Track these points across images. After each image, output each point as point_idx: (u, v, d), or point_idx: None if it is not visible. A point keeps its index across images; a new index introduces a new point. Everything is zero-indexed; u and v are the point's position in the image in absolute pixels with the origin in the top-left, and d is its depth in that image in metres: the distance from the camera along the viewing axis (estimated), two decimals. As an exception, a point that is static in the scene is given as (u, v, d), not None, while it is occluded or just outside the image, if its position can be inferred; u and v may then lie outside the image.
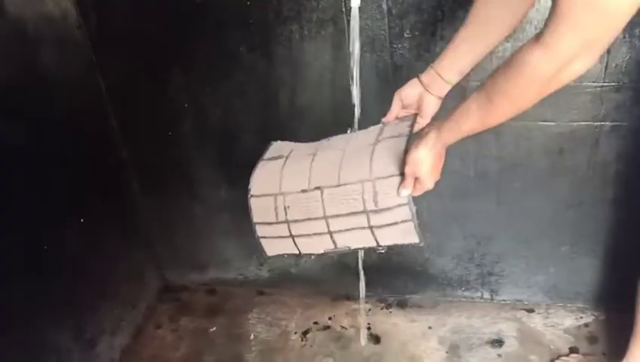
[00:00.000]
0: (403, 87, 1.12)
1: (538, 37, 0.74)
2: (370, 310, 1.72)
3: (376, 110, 1.41)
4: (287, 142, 1.24)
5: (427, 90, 1.09)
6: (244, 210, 1.69)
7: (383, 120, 1.15)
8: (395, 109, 1.13)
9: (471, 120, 0.91)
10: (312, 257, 1.17)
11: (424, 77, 1.09)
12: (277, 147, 1.23)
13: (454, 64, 1.06)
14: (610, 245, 1.49)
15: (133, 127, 1.60)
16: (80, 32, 1.44)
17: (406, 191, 0.98)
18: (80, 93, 1.47)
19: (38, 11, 1.31)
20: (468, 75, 1.30)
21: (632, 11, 0.68)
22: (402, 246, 1.03)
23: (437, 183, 1.00)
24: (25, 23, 1.27)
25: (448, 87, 1.09)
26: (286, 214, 1.09)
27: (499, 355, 1.54)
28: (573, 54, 0.72)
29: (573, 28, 0.70)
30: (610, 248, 1.49)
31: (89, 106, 1.52)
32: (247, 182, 1.21)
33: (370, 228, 1.03)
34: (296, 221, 1.09)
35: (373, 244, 1.05)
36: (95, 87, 1.52)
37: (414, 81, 1.11)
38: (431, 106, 1.10)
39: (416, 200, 1.00)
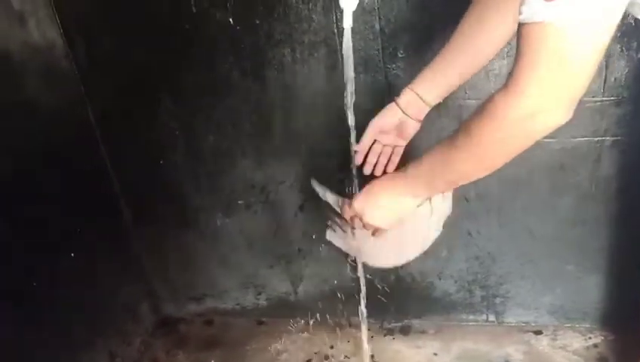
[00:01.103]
0: (379, 116, 1.09)
1: (505, 83, 0.70)
2: (372, 337, 1.68)
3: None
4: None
5: (406, 114, 1.06)
6: (240, 238, 1.67)
7: (355, 148, 1.11)
8: (368, 140, 1.10)
9: (433, 165, 0.84)
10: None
11: (402, 100, 1.06)
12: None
13: (436, 86, 1.04)
14: (616, 263, 1.46)
15: (123, 156, 1.57)
16: (67, 62, 1.42)
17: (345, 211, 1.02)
18: (68, 123, 1.45)
19: (23, 41, 1.29)
20: (465, 93, 1.28)
21: (601, 55, 0.64)
22: None
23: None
24: (10, 54, 1.25)
25: (427, 109, 1.06)
26: None
27: (508, 380, 1.50)
28: (538, 104, 0.67)
29: (536, 71, 0.65)
30: (617, 266, 1.46)
31: (78, 136, 1.50)
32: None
33: None
34: None
35: None
36: (84, 116, 1.50)
37: (392, 108, 1.08)
38: (410, 130, 1.08)
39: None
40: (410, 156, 1.07)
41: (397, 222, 0.96)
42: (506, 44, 0.99)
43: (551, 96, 0.66)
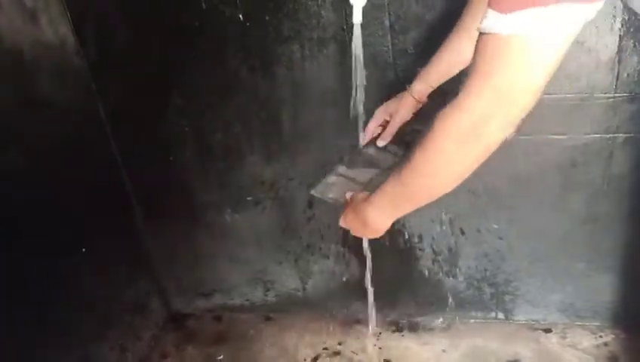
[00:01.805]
0: (402, 109, 1.13)
1: (457, 92, 0.70)
2: (380, 334, 1.67)
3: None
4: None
5: (420, 103, 1.13)
6: (249, 234, 1.67)
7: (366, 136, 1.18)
8: (375, 125, 1.16)
9: (393, 182, 0.85)
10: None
11: (417, 94, 1.12)
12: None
13: (446, 74, 1.09)
14: (628, 261, 1.44)
15: (134, 152, 1.58)
16: (78, 59, 1.43)
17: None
18: (79, 119, 1.46)
19: (36, 39, 1.30)
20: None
21: (550, 73, 0.64)
22: None
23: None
24: (22, 51, 1.25)
25: (432, 90, 1.13)
26: None
27: (517, 378, 1.49)
28: (484, 112, 0.67)
29: (486, 84, 0.66)
30: (629, 264, 1.44)
31: (89, 133, 1.50)
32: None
33: None
34: None
35: None
36: (95, 113, 1.50)
37: (411, 102, 1.12)
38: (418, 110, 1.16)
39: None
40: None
41: (380, 233, 0.97)
42: None
43: (495, 109, 0.66)
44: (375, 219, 0.92)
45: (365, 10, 1.05)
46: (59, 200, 1.36)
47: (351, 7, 1.05)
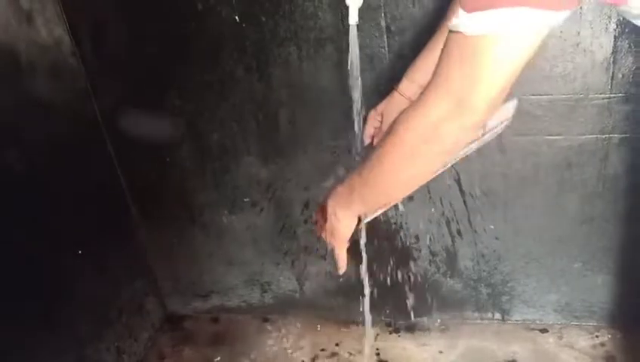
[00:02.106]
0: (391, 110, 1.13)
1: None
2: (378, 335, 1.67)
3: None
4: None
5: (411, 101, 1.11)
6: (246, 235, 1.67)
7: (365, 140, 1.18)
8: (371, 130, 1.17)
9: (356, 177, 0.85)
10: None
11: (407, 92, 1.12)
12: None
13: (428, 72, 1.09)
14: (624, 261, 1.45)
15: (130, 153, 1.58)
16: (74, 59, 1.42)
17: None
18: (75, 120, 1.46)
19: (31, 39, 1.29)
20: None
21: (512, 74, 0.64)
22: None
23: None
24: (17, 52, 1.25)
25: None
26: None
27: (514, 378, 1.49)
28: (443, 115, 0.68)
29: (445, 89, 0.67)
30: (624, 264, 1.45)
31: (85, 133, 1.50)
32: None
33: None
34: None
35: None
36: (91, 113, 1.50)
37: (402, 101, 1.12)
38: None
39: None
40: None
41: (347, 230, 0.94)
42: None
43: (453, 110, 0.67)
44: (341, 211, 0.90)
45: (361, 12, 1.05)
46: (54, 201, 1.35)
47: (347, 8, 1.05)
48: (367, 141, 1.19)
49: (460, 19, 0.63)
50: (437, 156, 0.74)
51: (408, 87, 1.12)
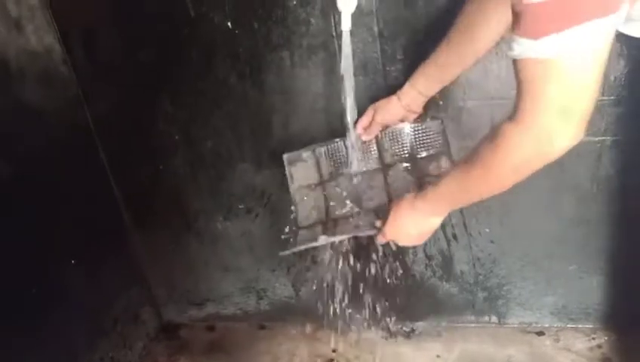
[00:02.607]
0: (383, 110, 1.17)
1: (512, 112, 0.72)
2: (374, 340, 1.67)
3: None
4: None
5: (409, 111, 1.16)
6: (241, 242, 1.66)
7: (359, 132, 1.21)
8: (375, 130, 1.20)
9: (451, 190, 0.91)
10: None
11: (404, 97, 1.15)
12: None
13: (432, 83, 1.12)
14: (618, 262, 1.45)
15: (123, 161, 1.57)
16: (65, 67, 1.42)
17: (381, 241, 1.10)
18: (67, 128, 1.45)
19: (21, 47, 1.29)
20: (464, 94, 1.28)
21: (600, 75, 0.66)
22: None
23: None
24: (8, 60, 1.24)
25: (426, 100, 1.16)
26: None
27: (511, 382, 1.49)
28: (547, 128, 0.69)
29: (540, 102, 0.67)
30: (619, 265, 1.45)
31: (77, 142, 1.49)
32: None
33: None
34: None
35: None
36: (83, 121, 1.49)
37: (395, 104, 1.16)
38: (411, 118, 1.19)
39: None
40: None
41: (429, 235, 1.03)
42: (495, 45, 1.05)
43: (558, 123, 0.67)
44: (425, 216, 0.98)
45: (354, 17, 1.06)
46: (46, 209, 1.35)
47: (340, 13, 1.05)
48: (359, 131, 1.21)
49: (525, 47, 0.64)
50: (539, 167, 0.75)
51: (408, 92, 1.14)
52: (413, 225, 1.01)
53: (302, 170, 1.24)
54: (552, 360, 1.52)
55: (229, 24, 1.30)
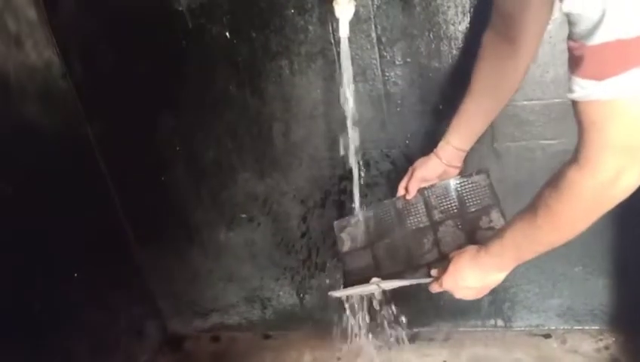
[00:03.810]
0: (422, 167, 1.15)
1: (575, 155, 0.70)
2: (380, 347, 1.65)
3: (372, 139, 1.39)
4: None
5: (449, 165, 1.13)
6: (244, 251, 1.66)
7: (400, 194, 1.18)
8: (415, 187, 1.16)
9: (517, 242, 0.87)
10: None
11: (444, 155, 1.12)
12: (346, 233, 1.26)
13: (467, 136, 1.10)
14: (623, 263, 1.44)
15: (124, 174, 1.57)
16: (65, 82, 1.42)
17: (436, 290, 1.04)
18: (68, 142, 1.45)
19: (20, 62, 1.29)
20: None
21: None
22: None
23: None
24: (7, 75, 1.25)
25: (465, 153, 1.13)
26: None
27: (519, 386, 1.48)
28: (614, 173, 0.66)
29: (603, 143, 0.65)
30: (624, 266, 1.44)
31: (78, 156, 1.49)
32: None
33: None
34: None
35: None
36: (83, 135, 1.50)
37: (435, 161, 1.13)
38: (452, 173, 1.15)
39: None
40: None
41: (488, 290, 0.98)
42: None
43: (625, 160, 0.66)
44: (488, 271, 0.93)
45: (352, 24, 1.06)
46: (49, 225, 1.34)
47: (337, 20, 1.05)
48: (400, 192, 1.19)
49: (590, 89, 0.62)
50: (606, 210, 0.73)
51: (443, 147, 1.12)
52: (474, 279, 0.95)
53: (351, 234, 1.24)
54: (560, 363, 1.51)
55: (227, 34, 1.30)
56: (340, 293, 1.15)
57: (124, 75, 1.42)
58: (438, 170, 1.14)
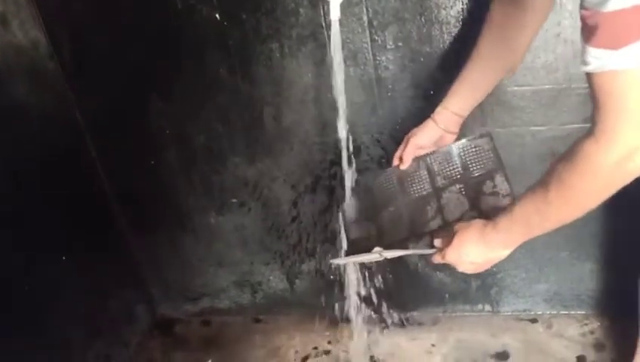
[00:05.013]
0: (418, 133, 1.12)
1: (591, 128, 0.68)
2: (370, 331, 1.67)
3: (363, 124, 1.39)
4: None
5: (445, 131, 1.11)
6: (234, 236, 1.66)
7: (402, 167, 1.15)
8: (410, 155, 1.13)
9: (527, 218, 0.84)
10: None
11: (440, 119, 1.10)
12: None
13: (465, 101, 1.08)
14: (609, 248, 1.46)
15: (114, 158, 1.56)
16: (52, 63, 1.40)
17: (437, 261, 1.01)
18: (56, 125, 1.43)
19: (6, 41, 1.27)
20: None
21: None
22: None
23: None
24: (-7, 55, 1.23)
25: (462, 120, 1.11)
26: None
27: (506, 369, 1.50)
28: (631, 144, 0.64)
29: (620, 116, 0.64)
30: (610, 251, 1.46)
31: (66, 139, 1.48)
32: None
33: None
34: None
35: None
36: (71, 118, 1.48)
37: (431, 126, 1.11)
38: (448, 140, 1.13)
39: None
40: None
41: (491, 265, 0.96)
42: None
43: None
44: (494, 247, 0.91)
45: (343, 7, 1.05)
46: (36, 208, 1.33)
47: (328, 3, 1.04)
48: (395, 162, 1.17)
49: (605, 59, 0.61)
50: (621, 185, 0.70)
51: (441, 112, 1.10)
52: (478, 254, 0.93)
53: (355, 204, 1.23)
54: (546, 347, 1.53)
55: (217, 16, 1.29)
56: (342, 261, 1.13)
57: (113, 57, 1.40)
58: (435, 136, 1.12)
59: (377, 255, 1.06)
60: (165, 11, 1.31)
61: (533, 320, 1.60)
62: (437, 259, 1.01)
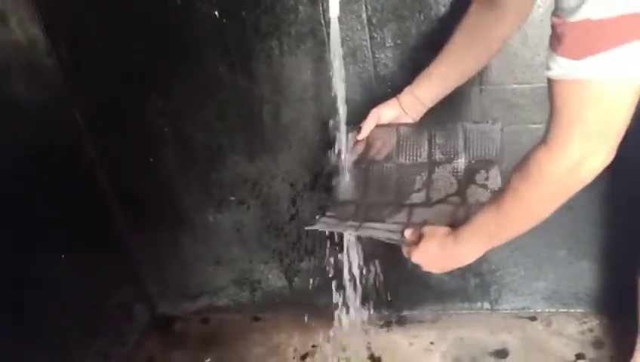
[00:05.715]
0: (380, 106, 1.14)
1: (543, 137, 0.70)
2: (369, 329, 1.67)
3: (362, 121, 1.39)
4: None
5: (405, 112, 1.12)
6: (233, 234, 1.66)
7: (358, 137, 1.16)
8: (370, 127, 1.15)
9: (485, 229, 0.86)
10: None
11: (404, 99, 1.11)
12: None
13: (432, 91, 1.08)
14: (607, 246, 1.46)
15: (112, 156, 1.56)
16: (50, 60, 1.40)
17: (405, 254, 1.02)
18: (54, 123, 1.43)
19: (4, 39, 1.27)
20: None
21: (637, 97, 0.63)
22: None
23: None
24: (-9, 53, 1.23)
25: (424, 110, 1.11)
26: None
27: (505, 367, 1.50)
28: (582, 154, 0.66)
29: (574, 125, 0.65)
30: (608, 249, 1.46)
31: (64, 137, 1.48)
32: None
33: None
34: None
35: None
36: (69, 116, 1.48)
37: (393, 104, 1.13)
38: (407, 121, 1.14)
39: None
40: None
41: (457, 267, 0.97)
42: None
43: (594, 144, 0.66)
44: (464, 255, 0.92)
45: (342, 4, 1.05)
46: (34, 206, 1.33)
47: (328, 1, 1.04)
48: (361, 136, 1.17)
49: (567, 68, 0.62)
50: (574, 192, 0.72)
51: (406, 93, 1.11)
52: (441, 261, 0.96)
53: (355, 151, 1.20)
54: (545, 345, 1.53)
55: (216, 13, 1.29)
56: (316, 227, 1.13)
57: (111, 54, 1.40)
58: (394, 113, 1.13)
59: (351, 229, 1.06)
60: (164, 9, 1.31)
61: (532, 318, 1.61)
62: (405, 252, 1.02)
